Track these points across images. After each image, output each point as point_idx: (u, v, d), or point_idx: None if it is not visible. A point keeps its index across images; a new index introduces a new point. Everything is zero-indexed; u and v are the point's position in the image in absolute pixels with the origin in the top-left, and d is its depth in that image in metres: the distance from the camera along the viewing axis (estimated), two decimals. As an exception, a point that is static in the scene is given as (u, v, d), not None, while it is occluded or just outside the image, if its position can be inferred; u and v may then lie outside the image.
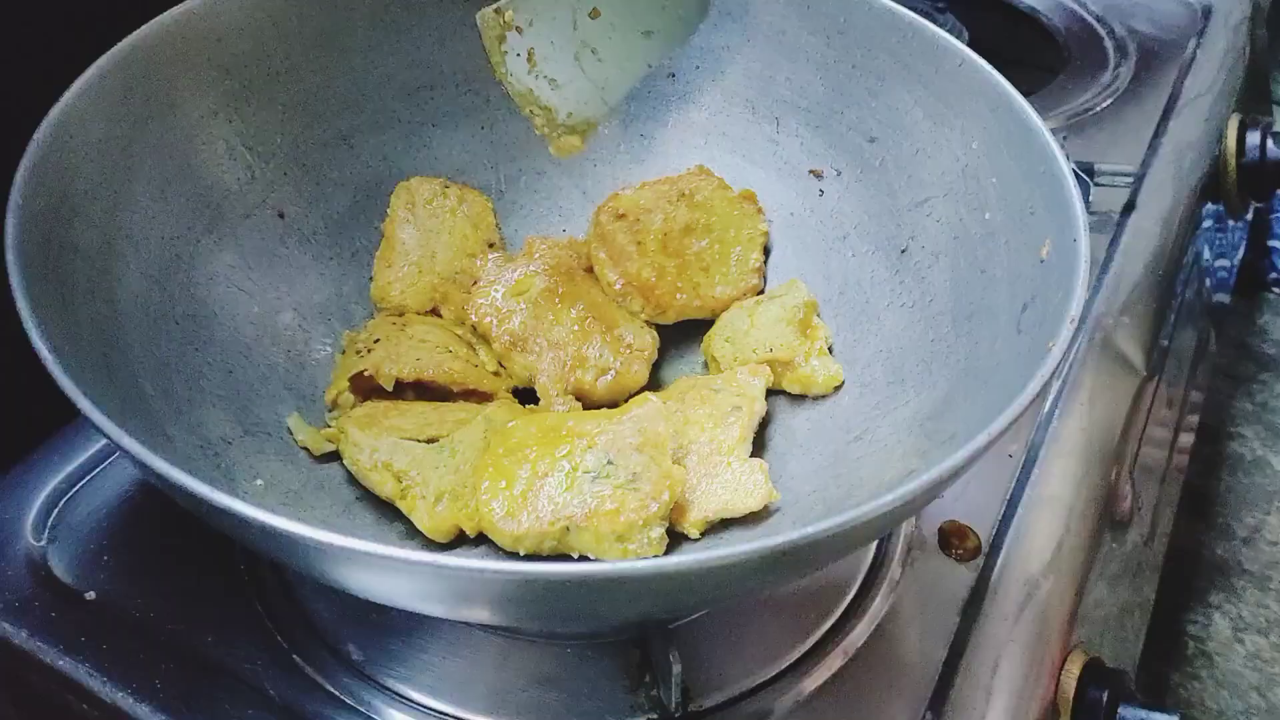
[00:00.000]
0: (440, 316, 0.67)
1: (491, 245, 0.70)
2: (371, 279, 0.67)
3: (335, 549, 0.38)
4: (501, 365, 0.65)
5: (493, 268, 0.68)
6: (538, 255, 0.68)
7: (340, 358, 0.64)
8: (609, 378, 0.63)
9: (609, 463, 0.53)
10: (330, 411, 0.62)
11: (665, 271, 0.68)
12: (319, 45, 0.67)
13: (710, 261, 0.69)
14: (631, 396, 0.62)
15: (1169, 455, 0.93)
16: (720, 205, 0.70)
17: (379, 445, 0.56)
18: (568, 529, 0.52)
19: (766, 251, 0.71)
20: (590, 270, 0.68)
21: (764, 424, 0.62)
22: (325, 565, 0.41)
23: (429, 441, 0.58)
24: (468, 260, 0.68)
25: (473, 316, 0.65)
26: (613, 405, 0.62)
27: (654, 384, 0.66)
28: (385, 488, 0.56)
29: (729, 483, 0.56)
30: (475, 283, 0.66)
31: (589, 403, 0.62)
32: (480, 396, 0.63)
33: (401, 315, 0.66)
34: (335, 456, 0.59)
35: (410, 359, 0.61)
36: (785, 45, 0.71)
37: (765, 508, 0.56)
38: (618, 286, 0.67)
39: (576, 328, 0.64)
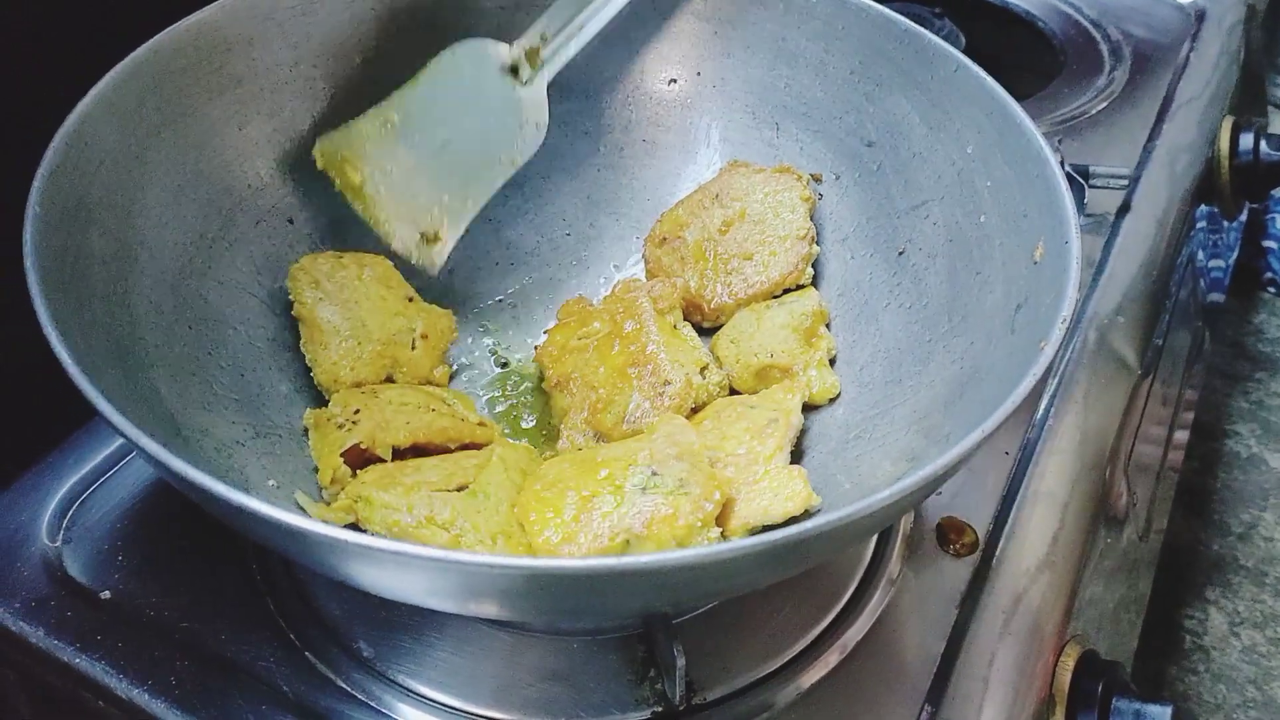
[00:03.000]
0: (394, 382, 0.65)
1: (410, 300, 0.68)
2: (311, 368, 0.64)
3: (349, 545, 0.39)
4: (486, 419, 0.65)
5: (576, 309, 0.69)
6: (619, 298, 0.68)
7: (316, 435, 0.61)
8: (630, 425, 0.62)
9: (654, 474, 0.54)
10: (326, 489, 0.59)
11: (705, 276, 0.69)
12: (326, 54, 0.68)
13: (753, 247, 0.70)
14: None
15: (1164, 453, 0.94)
16: (755, 189, 0.71)
17: (415, 503, 0.54)
18: (628, 542, 0.52)
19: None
20: (665, 310, 0.68)
21: (765, 423, 0.63)
22: (339, 561, 0.42)
23: (459, 490, 0.56)
24: (396, 319, 0.66)
25: (541, 356, 0.66)
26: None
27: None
28: (439, 541, 0.54)
29: (768, 489, 0.56)
30: (557, 324, 0.68)
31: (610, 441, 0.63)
32: (474, 448, 0.62)
33: (360, 386, 0.64)
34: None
35: (401, 424, 0.59)
36: (785, 52, 0.72)
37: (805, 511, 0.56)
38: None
39: (616, 372, 0.64)
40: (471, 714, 0.55)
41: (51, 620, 0.57)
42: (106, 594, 0.59)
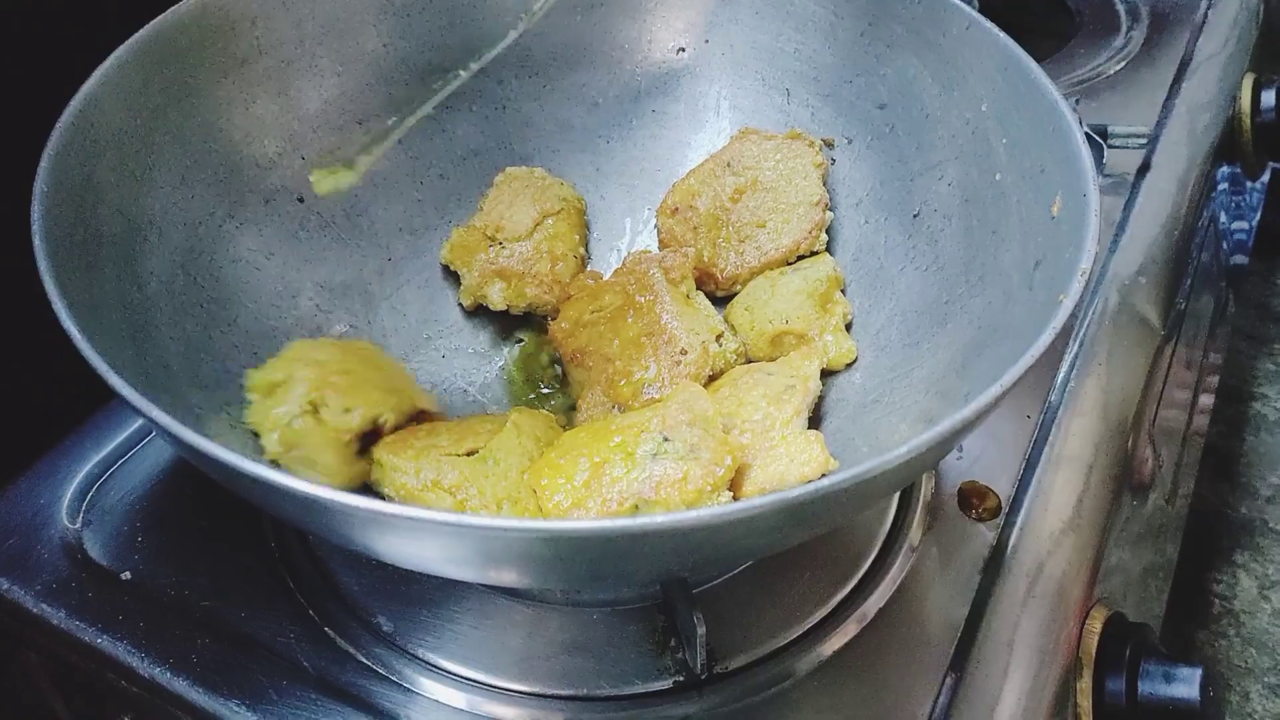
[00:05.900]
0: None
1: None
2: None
3: (365, 512, 0.39)
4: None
5: (587, 284, 0.69)
6: (630, 271, 0.68)
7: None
8: (649, 394, 0.62)
9: (665, 440, 0.53)
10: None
11: (719, 245, 0.69)
12: (331, 31, 0.68)
13: (766, 214, 0.69)
14: None
15: (1189, 417, 0.93)
16: (767, 156, 0.70)
17: (422, 466, 0.55)
18: (637, 507, 0.52)
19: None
20: (677, 281, 0.67)
21: (782, 390, 0.63)
22: (355, 530, 0.42)
23: (469, 454, 0.57)
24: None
25: (553, 333, 0.66)
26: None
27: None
28: (443, 505, 0.55)
29: (785, 454, 0.56)
30: (567, 298, 0.68)
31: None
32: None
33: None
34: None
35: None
36: (793, 16, 0.71)
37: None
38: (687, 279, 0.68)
39: (631, 344, 0.64)
40: (493, 686, 0.55)
41: (73, 602, 0.58)
42: (127, 575, 0.59)
